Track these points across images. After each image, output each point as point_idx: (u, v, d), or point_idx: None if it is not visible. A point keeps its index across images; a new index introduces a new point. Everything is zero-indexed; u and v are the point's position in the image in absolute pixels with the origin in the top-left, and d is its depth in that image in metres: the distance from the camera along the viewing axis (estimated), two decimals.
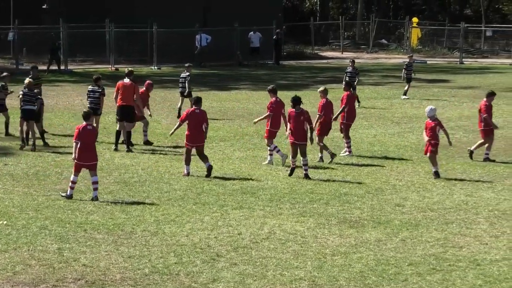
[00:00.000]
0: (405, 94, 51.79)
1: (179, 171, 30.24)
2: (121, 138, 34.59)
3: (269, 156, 32.08)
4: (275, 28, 76.87)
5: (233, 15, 73.87)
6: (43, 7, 73.22)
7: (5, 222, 23.36)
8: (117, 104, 34.70)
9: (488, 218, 24.50)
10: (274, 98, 32.43)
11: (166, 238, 22.14)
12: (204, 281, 18.98)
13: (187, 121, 29.53)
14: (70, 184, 26.13)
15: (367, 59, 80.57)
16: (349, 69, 50.63)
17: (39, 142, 34.50)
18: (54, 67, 65.03)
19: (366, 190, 27.76)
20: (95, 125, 29.79)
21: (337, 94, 38.74)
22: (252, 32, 75.23)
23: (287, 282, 18.98)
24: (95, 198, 26.01)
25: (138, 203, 25.80)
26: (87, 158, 26.11)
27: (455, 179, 29.61)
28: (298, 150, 29.53)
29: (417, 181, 29.30)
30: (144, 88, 37.10)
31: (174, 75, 64.82)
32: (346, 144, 33.94)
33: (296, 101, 29.89)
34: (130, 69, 37.36)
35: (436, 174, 29.69)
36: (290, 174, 29.57)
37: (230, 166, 31.36)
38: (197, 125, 29.49)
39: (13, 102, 39.00)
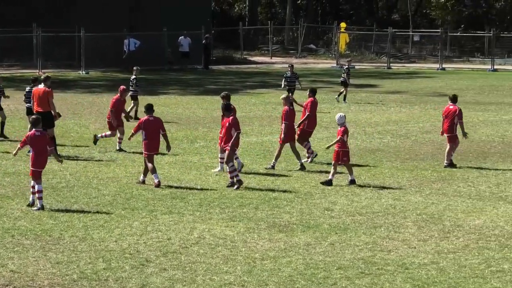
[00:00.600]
0: (344, 99, 51.98)
1: (108, 176, 30.15)
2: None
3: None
4: (204, 33, 76.92)
5: (162, 19, 73.81)
6: None
7: None
8: (34, 111, 34.18)
9: (416, 222, 24.65)
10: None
11: (95, 244, 22.06)
12: (133, 286, 18.94)
13: (141, 130, 28.90)
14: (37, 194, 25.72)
15: (296, 64, 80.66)
16: (288, 73, 50.86)
17: None
18: None
19: (295, 195, 27.82)
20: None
21: (267, 99, 38.83)
22: (182, 37, 75.23)
23: (216, 287, 18.98)
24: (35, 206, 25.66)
25: (66, 209, 25.68)
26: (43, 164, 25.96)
27: (383, 184, 29.77)
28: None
29: (346, 185, 29.42)
30: (118, 94, 36.21)
31: (102, 79, 64.81)
32: (307, 150, 33.65)
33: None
34: (46, 74, 36.96)
35: (353, 182, 29.50)
36: None
37: (160, 171, 31.24)
38: (153, 133, 28.99)
39: None
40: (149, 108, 29.12)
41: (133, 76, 45.17)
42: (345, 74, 53.77)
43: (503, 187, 29.47)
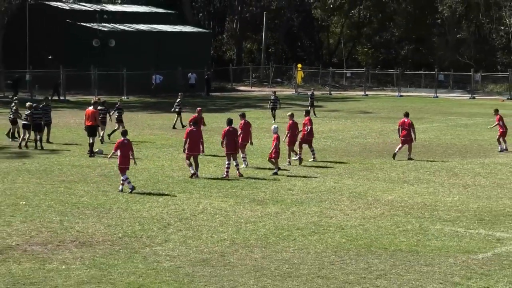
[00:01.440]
0: (314, 114, 51.71)
1: (141, 167, 30.04)
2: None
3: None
4: (206, 70, 76.83)
5: (177, 61, 73.75)
6: (49, 57, 72.50)
7: (24, 203, 23.11)
8: (86, 124, 33.89)
9: (349, 198, 24.68)
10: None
11: (133, 213, 22.03)
12: (159, 241, 18.92)
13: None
14: (126, 181, 25.26)
15: (268, 91, 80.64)
16: (272, 97, 50.89)
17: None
18: (56, 98, 64.40)
19: (268, 180, 27.81)
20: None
21: (249, 115, 38.64)
22: (190, 73, 75.11)
23: (215, 241, 18.98)
24: (121, 191, 25.06)
25: (114, 189, 25.62)
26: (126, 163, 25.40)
27: (327, 172, 29.79)
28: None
29: (302, 172, 29.43)
30: (197, 114, 34.28)
31: (137, 102, 64.58)
32: (311, 153, 32.39)
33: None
34: (94, 100, 36.62)
35: (275, 174, 28.74)
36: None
37: (176, 164, 31.24)
38: (195, 140, 27.91)
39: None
40: (124, 133, 26.90)
41: (178, 99, 45.21)
42: (309, 99, 53.81)
43: (407, 174, 29.55)
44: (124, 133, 26.25)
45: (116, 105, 40.40)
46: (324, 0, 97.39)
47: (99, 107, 36.30)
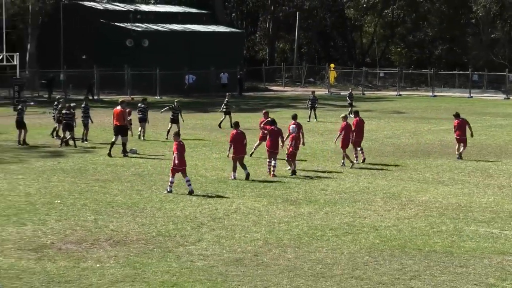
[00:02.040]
0: (350, 113, 51.51)
1: None
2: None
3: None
4: (239, 71, 76.89)
5: (210, 61, 73.87)
6: (83, 57, 72.98)
7: (59, 201, 23.29)
8: (113, 124, 33.83)
9: (382, 198, 24.60)
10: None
11: (167, 212, 22.11)
12: (193, 240, 18.98)
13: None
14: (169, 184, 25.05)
15: (300, 91, 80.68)
16: (311, 97, 50.87)
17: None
18: (90, 97, 64.78)
19: (301, 180, 27.79)
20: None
21: (281, 115, 38.75)
22: (222, 73, 75.23)
23: (248, 241, 19.00)
24: (191, 192, 24.68)
25: (147, 188, 25.74)
26: (181, 164, 24.72)
27: (361, 172, 29.69)
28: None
29: (335, 172, 29.37)
30: (263, 116, 33.21)
31: (170, 102, 64.76)
32: (360, 152, 31.84)
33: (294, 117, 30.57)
34: (122, 99, 36.59)
35: (294, 173, 28.49)
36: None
37: (209, 164, 31.31)
38: (239, 142, 27.44)
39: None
40: (236, 124, 28.15)
41: (226, 99, 45.32)
42: (348, 98, 53.65)
43: (441, 174, 29.37)
44: (177, 134, 25.46)
45: (173, 106, 40.35)
46: (357, 0, 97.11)
47: (139, 105, 36.82)
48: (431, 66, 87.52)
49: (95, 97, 65.62)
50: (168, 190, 24.96)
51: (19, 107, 37.82)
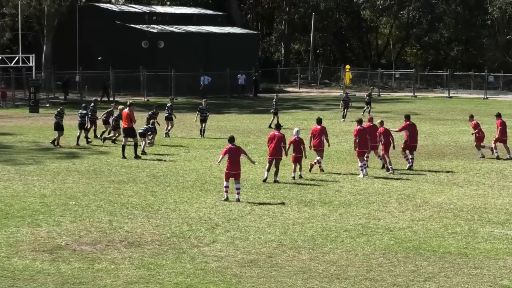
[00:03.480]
0: (368, 112, 51.38)
1: (190, 168, 30.25)
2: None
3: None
4: (254, 72, 76.81)
5: (226, 63, 73.85)
6: (99, 58, 73.15)
7: (74, 203, 23.35)
8: (122, 126, 34.00)
9: (397, 200, 24.55)
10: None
11: (181, 213, 22.14)
12: (207, 242, 18.99)
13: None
14: (224, 189, 24.46)
15: (316, 93, 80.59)
16: (344, 97, 51.06)
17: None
18: (105, 99, 64.98)
19: (316, 182, 27.76)
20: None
21: (296, 116, 38.66)
22: (239, 74, 75.23)
23: (262, 242, 19.00)
24: (237, 200, 23.89)
25: (162, 189, 25.77)
26: (234, 168, 24.32)
27: (375, 174, 29.61)
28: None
29: (350, 174, 29.31)
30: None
31: (186, 103, 64.90)
32: (409, 159, 30.96)
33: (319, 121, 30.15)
34: (130, 101, 36.53)
35: (293, 178, 28.07)
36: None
37: (224, 165, 31.22)
38: (276, 145, 27.25)
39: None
40: (278, 126, 28.50)
41: (274, 100, 45.42)
42: (367, 97, 53.85)
43: (456, 176, 29.29)
44: (232, 139, 25.03)
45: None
46: (373, 1, 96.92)
47: (167, 104, 38.63)
48: (447, 67, 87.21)
49: (111, 99, 65.73)
50: (224, 197, 24.20)
51: (59, 109, 37.89)
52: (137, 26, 76.18)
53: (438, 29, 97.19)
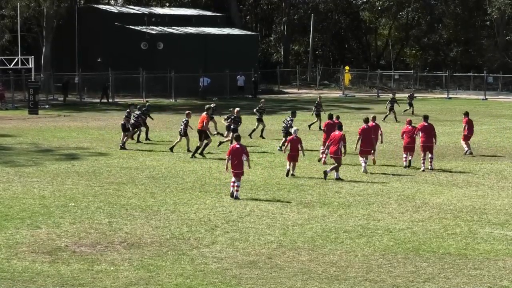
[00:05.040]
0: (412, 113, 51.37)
1: (189, 169, 30.24)
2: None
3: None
4: (254, 73, 76.83)
5: (225, 64, 73.82)
6: (98, 60, 73.15)
7: (73, 204, 23.35)
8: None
9: (397, 201, 24.56)
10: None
11: (181, 215, 22.14)
12: (207, 243, 18.99)
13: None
14: (231, 183, 24.87)
15: (315, 94, 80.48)
16: (391, 98, 51.15)
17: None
18: (104, 100, 64.98)
19: (315, 182, 27.77)
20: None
21: (296, 118, 38.55)
22: (238, 76, 75.22)
23: (262, 243, 19.00)
24: (235, 197, 24.35)
25: (161, 191, 25.77)
26: (237, 168, 24.56)
27: (375, 175, 29.63)
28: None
29: (349, 175, 29.32)
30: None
31: (185, 105, 64.84)
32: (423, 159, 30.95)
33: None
34: (208, 105, 36.56)
35: (286, 175, 28.60)
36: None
37: (223, 166, 31.19)
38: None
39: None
40: (340, 127, 28.70)
41: (317, 100, 44.87)
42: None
43: (455, 176, 29.29)
44: (238, 137, 25.64)
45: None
46: (372, 2, 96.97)
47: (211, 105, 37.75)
48: (446, 68, 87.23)
49: (110, 100, 65.73)
50: (230, 191, 24.79)
51: (128, 111, 37.81)
52: (137, 28, 76.21)
53: (437, 30, 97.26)
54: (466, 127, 35.18)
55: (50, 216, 21.70)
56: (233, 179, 24.72)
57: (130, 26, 76.26)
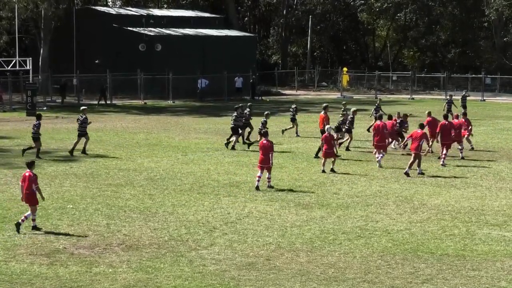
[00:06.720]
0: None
1: (187, 171, 30.22)
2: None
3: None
4: (252, 75, 76.82)
5: (223, 65, 73.84)
6: (96, 61, 73.14)
7: (71, 206, 23.34)
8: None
9: (395, 202, 24.56)
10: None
11: (179, 216, 22.13)
12: (205, 245, 18.99)
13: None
14: (256, 178, 26.50)
15: (313, 95, 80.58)
16: (448, 99, 52.79)
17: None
18: (102, 102, 64.95)
19: (314, 183, 27.77)
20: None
21: (298, 118, 38.70)
22: (237, 77, 75.22)
23: (260, 245, 19.00)
24: (270, 187, 26.45)
25: (159, 192, 25.76)
26: (264, 162, 26.22)
27: (373, 176, 29.64)
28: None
29: (347, 176, 29.33)
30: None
31: (183, 106, 64.85)
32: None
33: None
34: (325, 104, 37.10)
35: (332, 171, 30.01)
36: None
37: (222, 168, 31.31)
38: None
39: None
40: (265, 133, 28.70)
41: (293, 105, 44.70)
42: (461, 101, 54.10)
43: (453, 178, 29.30)
44: (266, 133, 27.29)
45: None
46: (370, 4, 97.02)
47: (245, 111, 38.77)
48: (444, 69, 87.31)
49: (108, 102, 65.73)
50: (255, 185, 26.28)
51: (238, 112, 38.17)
52: (135, 29, 76.23)
53: (435, 32, 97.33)
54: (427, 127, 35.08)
55: (48, 218, 21.69)
56: (258, 173, 26.41)
57: (128, 28, 76.29)
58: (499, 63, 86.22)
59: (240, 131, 38.23)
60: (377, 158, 31.98)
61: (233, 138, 37.56)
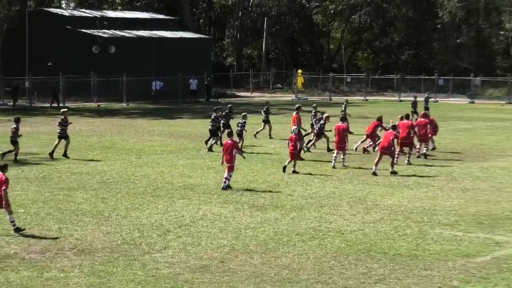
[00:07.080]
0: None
1: (141, 174, 30.06)
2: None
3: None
4: (207, 76, 76.76)
5: (177, 67, 73.69)
6: (49, 64, 72.53)
7: (22, 211, 23.09)
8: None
9: (348, 203, 24.66)
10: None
11: (132, 220, 22.00)
12: (158, 248, 18.89)
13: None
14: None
15: (268, 97, 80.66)
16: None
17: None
18: (55, 105, 64.40)
19: (268, 185, 27.78)
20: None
21: (249, 121, 38.70)
22: (191, 79, 75.11)
23: (214, 248, 18.95)
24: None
25: (112, 196, 25.60)
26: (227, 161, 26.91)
27: (327, 177, 29.75)
28: None
29: (301, 178, 29.40)
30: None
31: (137, 109, 64.58)
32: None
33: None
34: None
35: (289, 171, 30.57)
36: None
37: (176, 170, 31.20)
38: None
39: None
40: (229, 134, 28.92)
41: (265, 107, 44.92)
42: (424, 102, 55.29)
43: (406, 178, 29.53)
44: (230, 134, 28.29)
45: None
46: (325, 6, 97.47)
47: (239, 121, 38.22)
48: (398, 71, 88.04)
49: (61, 105, 65.21)
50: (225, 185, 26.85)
51: (216, 115, 38.28)
52: (88, 31, 75.77)
53: (389, 34, 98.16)
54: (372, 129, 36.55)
55: None
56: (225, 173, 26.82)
57: (82, 30, 75.79)
58: (452, 65, 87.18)
59: (219, 133, 38.11)
60: (334, 158, 32.01)
61: (212, 141, 37.44)
